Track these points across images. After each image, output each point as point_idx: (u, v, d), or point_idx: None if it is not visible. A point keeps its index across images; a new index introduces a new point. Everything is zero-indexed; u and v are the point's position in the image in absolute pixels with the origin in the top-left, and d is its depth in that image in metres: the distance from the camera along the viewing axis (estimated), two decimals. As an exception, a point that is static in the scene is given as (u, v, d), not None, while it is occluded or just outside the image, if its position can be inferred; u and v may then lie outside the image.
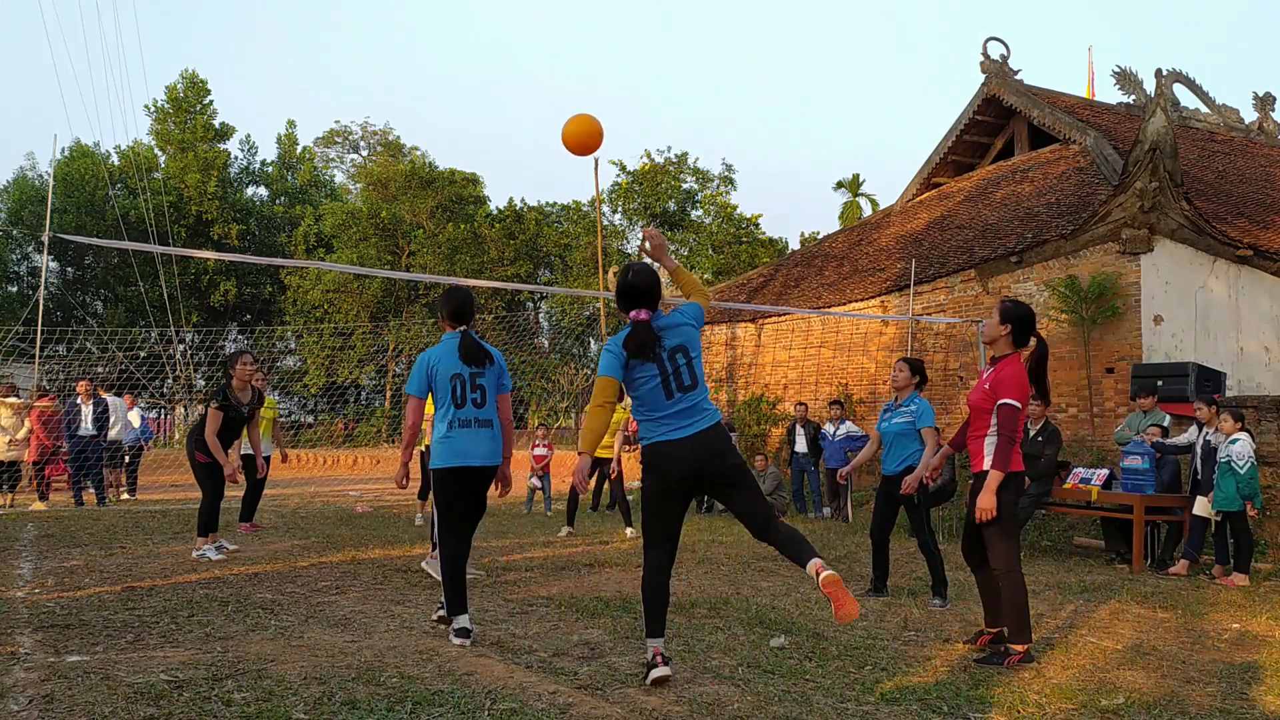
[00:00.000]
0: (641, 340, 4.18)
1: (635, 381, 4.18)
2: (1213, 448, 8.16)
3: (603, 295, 25.16)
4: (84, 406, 13.28)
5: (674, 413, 4.14)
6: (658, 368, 4.16)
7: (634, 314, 4.22)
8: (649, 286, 4.27)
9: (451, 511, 4.95)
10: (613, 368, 4.20)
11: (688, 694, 4.04)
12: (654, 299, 4.27)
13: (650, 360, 4.14)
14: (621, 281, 4.29)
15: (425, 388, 4.99)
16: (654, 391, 4.14)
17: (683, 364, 4.19)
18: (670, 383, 4.17)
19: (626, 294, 4.26)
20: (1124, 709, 4.02)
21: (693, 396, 4.18)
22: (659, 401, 4.14)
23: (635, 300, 4.25)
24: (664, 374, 4.17)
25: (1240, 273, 12.06)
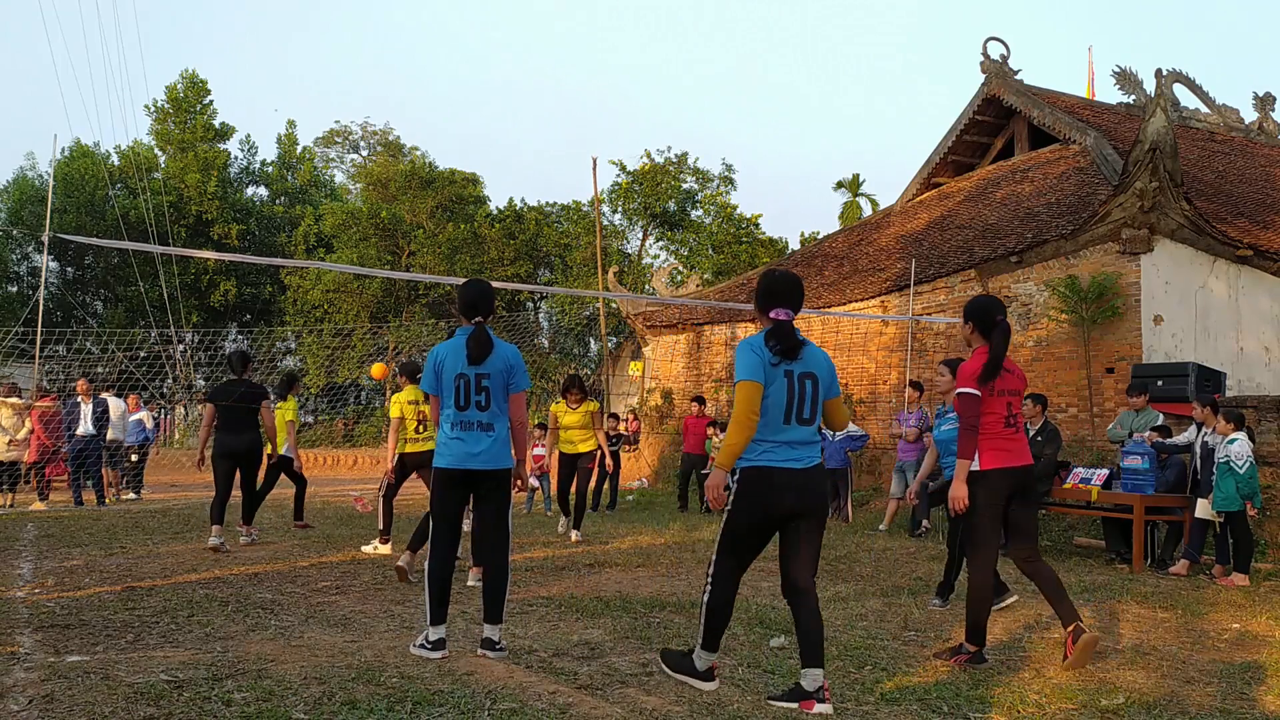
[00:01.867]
0: (789, 341, 3.91)
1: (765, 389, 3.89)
2: (1210, 448, 8.16)
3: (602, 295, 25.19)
4: (84, 406, 13.28)
5: (788, 441, 3.89)
6: (786, 385, 3.89)
7: (774, 313, 3.97)
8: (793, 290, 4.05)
9: (443, 514, 4.76)
10: (757, 369, 3.88)
11: (688, 694, 4.04)
12: (798, 302, 4.03)
13: (783, 371, 3.89)
14: (767, 283, 4.07)
15: (436, 383, 4.80)
16: (774, 409, 3.87)
17: (809, 392, 3.94)
18: (792, 407, 3.89)
19: (768, 294, 4.02)
20: (1124, 709, 4.02)
21: (808, 432, 3.95)
22: (775, 422, 3.87)
23: (777, 300, 4.01)
24: (790, 394, 3.89)
25: (1240, 273, 12.06)
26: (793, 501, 3.87)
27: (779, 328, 3.94)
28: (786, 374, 3.89)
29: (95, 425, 13.35)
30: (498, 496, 4.82)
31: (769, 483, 3.86)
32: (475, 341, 4.73)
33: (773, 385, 3.86)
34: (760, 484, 3.87)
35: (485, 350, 4.73)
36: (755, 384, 3.84)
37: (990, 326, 4.81)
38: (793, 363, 3.91)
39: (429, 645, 4.59)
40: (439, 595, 4.66)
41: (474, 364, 4.73)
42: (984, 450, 4.75)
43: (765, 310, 4.02)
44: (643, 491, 16.70)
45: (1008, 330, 4.83)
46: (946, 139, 17.90)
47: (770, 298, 4.02)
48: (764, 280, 4.10)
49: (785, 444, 3.88)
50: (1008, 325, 4.85)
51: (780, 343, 3.91)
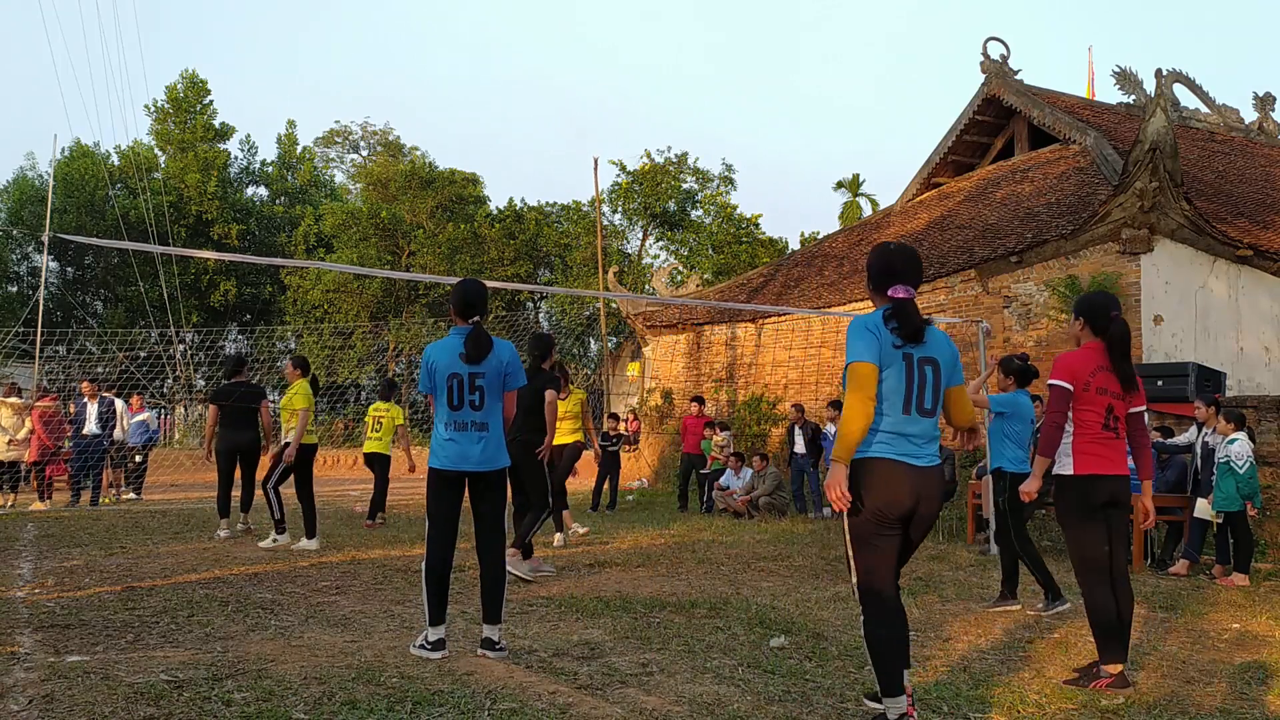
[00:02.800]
0: (913, 322, 3.49)
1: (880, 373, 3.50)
2: (1211, 448, 8.16)
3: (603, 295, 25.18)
4: (90, 406, 13.30)
5: (907, 434, 3.47)
6: (904, 370, 3.49)
7: (893, 290, 3.55)
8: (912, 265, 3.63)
9: (438, 514, 4.73)
10: (873, 349, 3.46)
11: (688, 694, 4.04)
12: (919, 277, 3.64)
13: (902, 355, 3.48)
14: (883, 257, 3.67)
15: (432, 383, 4.77)
16: (892, 397, 3.47)
17: (929, 380, 3.52)
18: (912, 395, 3.48)
19: (885, 271, 3.63)
20: (1124, 709, 4.02)
21: (930, 425, 3.53)
22: (893, 412, 3.47)
23: (895, 276, 3.59)
24: (909, 381, 3.49)
25: (1240, 273, 12.06)
26: (912, 502, 3.45)
27: (900, 307, 3.51)
28: (905, 357, 3.48)
29: (100, 425, 13.36)
30: (494, 497, 4.80)
31: (890, 478, 3.43)
32: (474, 342, 4.70)
33: (888, 369, 3.46)
34: (881, 479, 3.44)
35: (484, 350, 4.71)
36: (871, 365, 3.43)
37: (1106, 323, 4.55)
38: (915, 346, 3.51)
39: (429, 645, 4.59)
40: (438, 595, 4.65)
41: (470, 363, 4.71)
42: (1078, 454, 4.47)
43: (882, 289, 3.61)
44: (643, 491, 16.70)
45: (1126, 327, 4.57)
46: (946, 139, 17.89)
47: (888, 275, 3.61)
48: (880, 255, 3.69)
49: (903, 436, 3.46)
50: (1125, 322, 4.60)
51: (903, 325, 3.48)
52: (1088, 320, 4.61)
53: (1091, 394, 4.51)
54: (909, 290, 3.55)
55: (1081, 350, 4.60)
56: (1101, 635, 4.39)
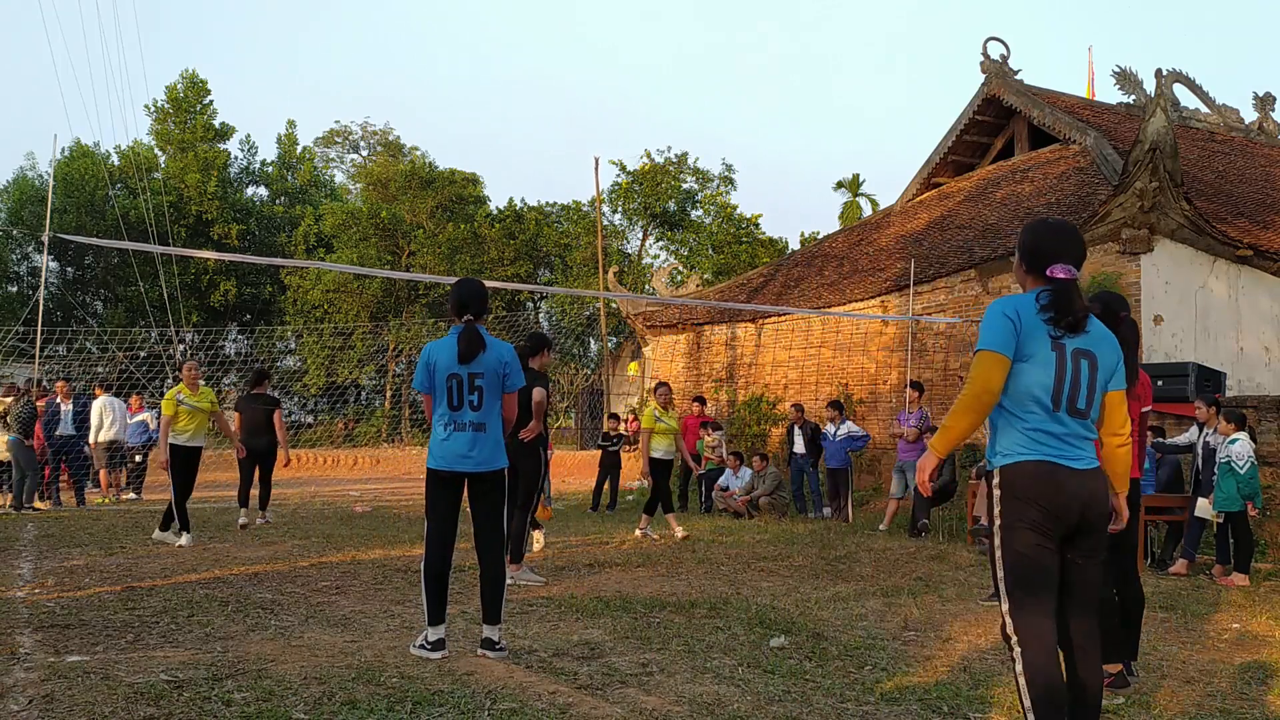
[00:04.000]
0: (1073, 309, 2.99)
1: (1019, 364, 3.00)
2: (1212, 448, 8.16)
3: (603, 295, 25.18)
4: (64, 406, 13.24)
5: (1059, 433, 2.99)
6: (1056, 360, 2.99)
7: (1052, 270, 3.05)
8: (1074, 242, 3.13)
9: (436, 515, 4.72)
10: (1005, 338, 2.98)
11: (688, 694, 4.04)
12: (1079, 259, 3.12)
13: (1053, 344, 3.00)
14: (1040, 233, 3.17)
15: (429, 382, 4.77)
16: (1040, 388, 2.98)
17: (1085, 374, 3.02)
18: (1064, 390, 2.99)
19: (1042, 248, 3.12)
20: (1124, 709, 4.02)
21: (1084, 427, 3.04)
22: (1042, 406, 2.99)
23: (1056, 254, 3.08)
24: (1061, 372, 2.99)
25: (1240, 273, 12.06)
26: (1079, 508, 2.96)
27: (1061, 290, 3.02)
28: (1057, 347, 3.00)
29: (75, 425, 13.31)
30: (493, 497, 4.80)
31: (1047, 482, 2.95)
32: (465, 340, 4.69)
33: (1032, 358, 2.98)
34: (1034, 484, 2.95)
35: (475, 349, 4.69)
36: (998, 356, 2.97)
37: (1115, 324, 4.37)
38: (1071, 336, 3.03)
39: (429, 645, 4.59)
40: (437, 595, 4.66)
41: (464, 363, 4.70)
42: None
43: (1038, 268, 3.10)
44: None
45: (1135, 327, 4.50)
46: (946, 139, 17.89)
47: (1042, 254, 3.11)
48: (1035, 233, 3.19)
49: (1056, 437, 2.98)
50: (1134, 322, 4.55)
51: (1061, 311, 3.00)
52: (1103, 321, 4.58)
53: None
54: (1070, 270, 3.05)
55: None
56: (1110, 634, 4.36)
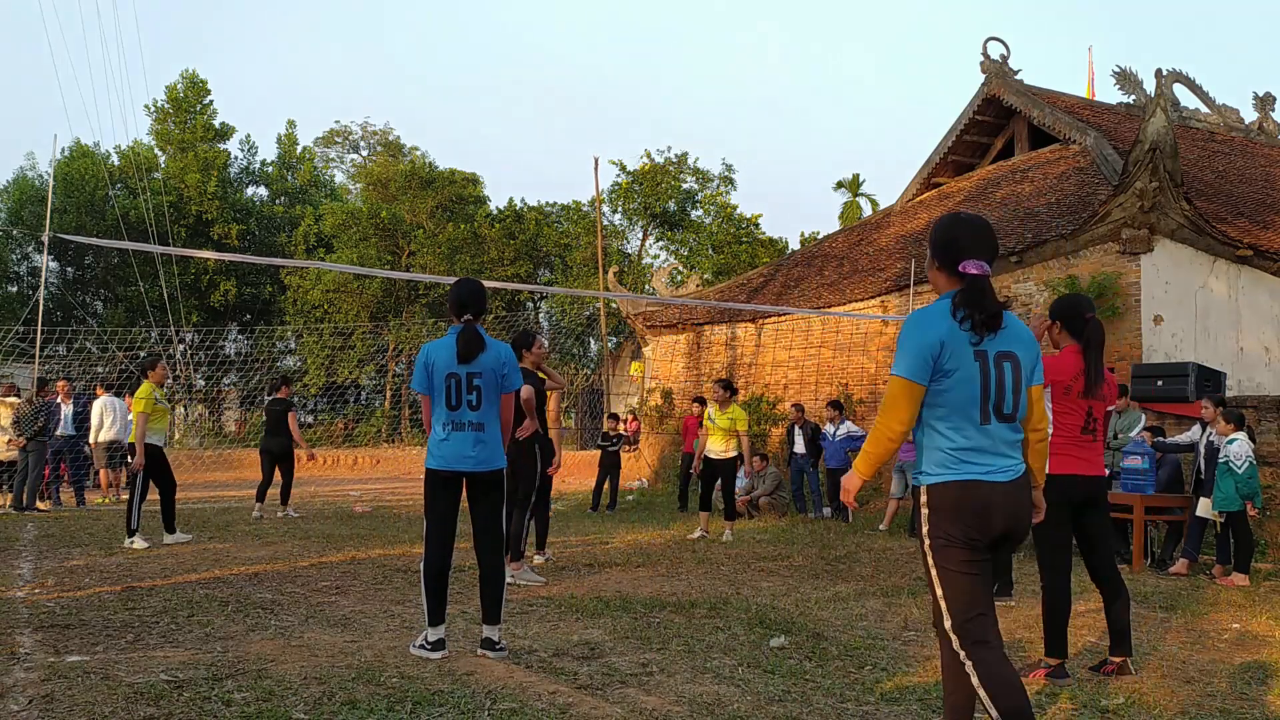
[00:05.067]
0: (989, 306, 2.94)
1: (944, 379, 2.92)
2: (1215, 448, 8.17)
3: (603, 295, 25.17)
4: (64, 406, 13.23)
5: (984, 448, 2.93)
6: (980, 370, 2.93)
7: (965, 266, 2.97)
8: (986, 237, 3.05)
9: (435, 515, 4.72)
10: (921, 365, 2.91)
11: (688, 694, 4.04)
12: (993, 256, 3.05)
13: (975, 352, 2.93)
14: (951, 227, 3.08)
15: (428, 382, 4.76)
16: (966, 403, 2.92)
17: (1009, 377, 2.96)
18: (990, 400, 2.93)
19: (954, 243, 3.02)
20: (1124, 709, 4.02)
21: (1012, 431, 2.99)
22: (968, 420, 2.92)
23: (967, 250, 3.00)
24: (985, 383, 2.93)
25: (1240, 273, 12.06)
26: (1004, 523, 2.93)
27: (973, 287, 2.96)
28: (979, 356, 2.93)
29: (75, 425, 13.31)
30: (492, 497, 4.80)
31: (972, 501, 2.91)
32: (464, 340, 4.70)
33: (956, 374, 2.91)
34: (961, 504, 2.91)
35: (475, 349, 4.70)
36: (912, 385, 2.92)
37: (1081, 325, 4.58)
38: (990, 340, 2.96)
39: (429, 645, 4.59)
40: (436, 595, 4.66)
41: (464, 363, 4.70)
42: (1055, 454, 4.44)
43: (951, 264, 3.01)
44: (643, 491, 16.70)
45: (1101, 329, 4.61)
46: (946, 139, 17.90)
47: (955, 248, 3.02)
48: (946, 227, 3.09)
49: (984, 453, 2.94)
50: (1100, 324, 4.64)
51: (978, 310, 2.93)
52: (1065, 324, 4.68)
53: (1073, 398, 4.60)
54: (983, 266, 2.97)
55: (1061, 356, 4.67)
56: (1052, 630, 4.52)
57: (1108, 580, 4.69)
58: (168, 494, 8.84)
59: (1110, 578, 4.69)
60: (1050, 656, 4.50)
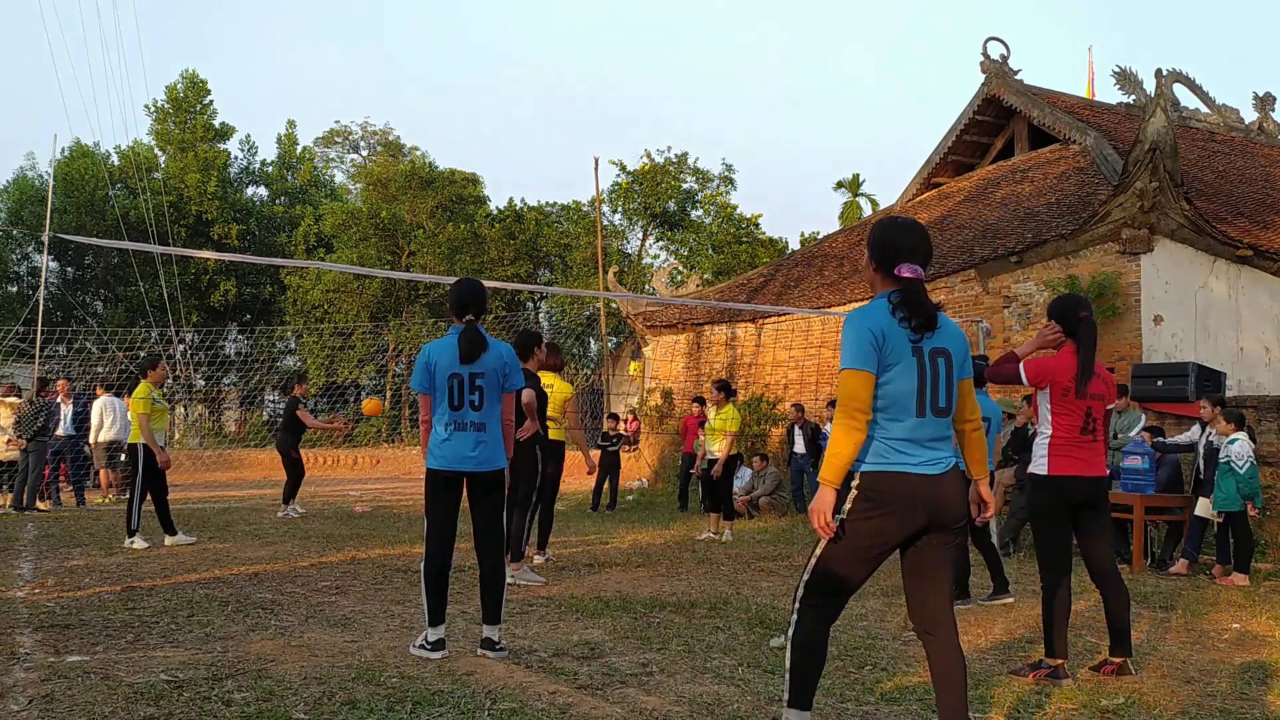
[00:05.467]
0: (924, 308, 3.06)
1: (882, 374, 3.05)
2: (1215, 448, 8.17)
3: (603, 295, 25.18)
4: (64, 406, 13.22)
5: (919, 439, 3.06)
6: (918, 365, 3.06)
7: (900, 269, 3.12)
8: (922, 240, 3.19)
9: (435, 514, 4.72)
10: (868, 353, 3.02)
11: (688, 694, 4.04)
12: (927, 258, 3.19)
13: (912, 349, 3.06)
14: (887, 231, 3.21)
15: (428, 382, 4.76)
16: (903, 397, 3.05)
17: (943, 375, 3.10)
18: (926, 394, 3.06)
19: (891, 247, 3.16)
20: (1124, 709, 4.02)
21: (944, 425, 3.12)
22: (904, 413, 3.05)
23: (903, 253, 3.13)
24: (923, 377, 3.06)
25: (1240, 273, 12.06)
26: (926, 515, 3.04)
27: (909, 290, 3.09)
28: (916, 352, 3.06)
29: (75, 425, 13.30)
30: (493, 497, 4.80)
31: (899, 494, 3.02)
32: (466, 340, 4.70)
33: (895, 367, 3.04)
34: (887, 495, 3.02)
35: (477, 349, 4.71)
36: (864, 374, 3.01)
37: (1075, 323, 4.59)
38: (927, 337, 3.09)
39: (429, 645, 4.59)
40: (437, 595, 4.66)
41: (466, 363, 4.71)
42: (1053, 455, 4.55)
43: (887, 267, 3.15)
44: (643, 491, 16.71)
45: (1094, 327, 4.63)
46: (946, 139, 17.89)
47: (891, 251, 3.15)
48: (882, 231, 3.22)
49: (916, 444, 3.05)
50: (1094, 322, 4.66)
51: (913, 312, 3.06)
52: (1061, 323, 4.69)
53: (1071, 399, 4.59)
54: (917, 270, 3.12)
55: (1060, 357, 4.68)
56: (1051, 630, 4.52)
57: (1108, 580, 4.69)
58: (160, 496, 8.77)
59: (1110, 578, 4.69)
60: (1050, 657, 4.50)
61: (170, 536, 8.76)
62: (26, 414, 11.77)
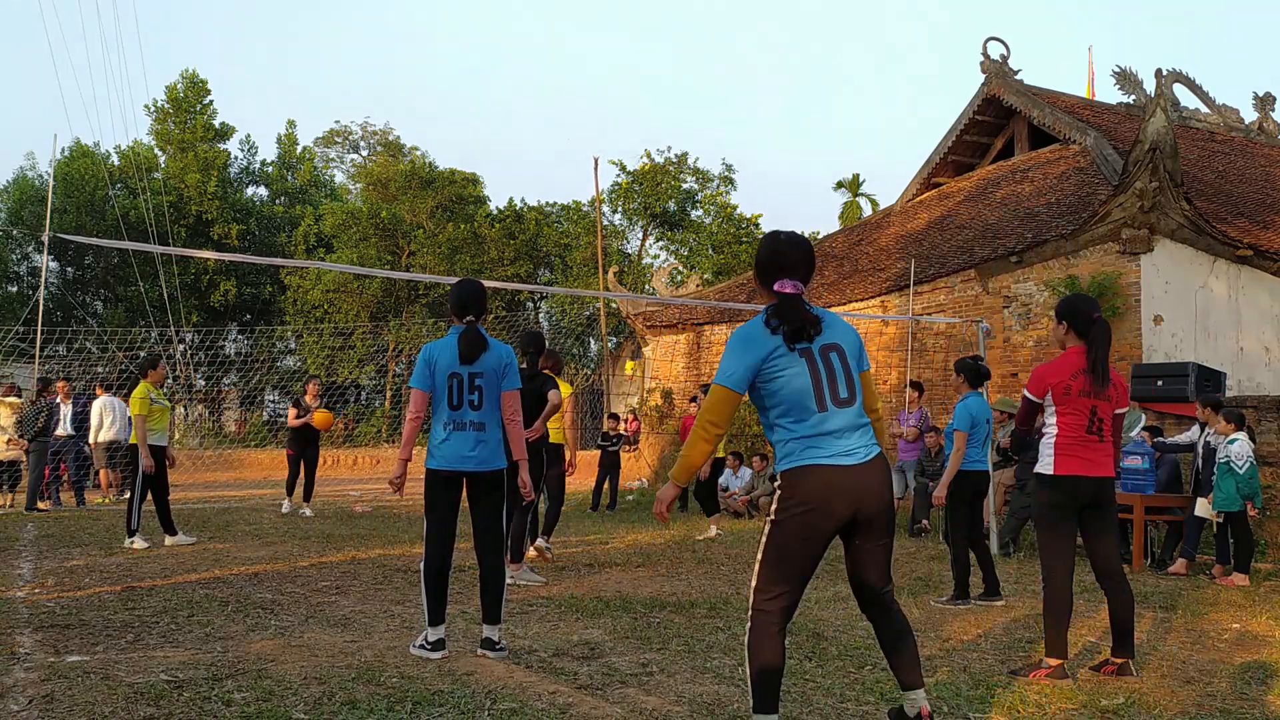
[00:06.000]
0: (799, 317, 3.18)
1: (774, 381, 3.17)
2: (1213, 448, 8.17)
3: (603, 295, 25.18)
4: (64, 406, 13.22)
5: (828, 432, 3.16)
6: (807, 365, 3.18)
7: (779, 285, 3.24)
8: (803, 256, 3.29)
9: (435, 515, 4.71)
10: (742, 374, 3.17)
11: (688, 694, 4.04)
12: (808, 273, 3.31)
13: (798, 352, 3.18)
14: (769, 248, 3.32)
15: (427, 381, 4.75)
16: (800, 395, 3.16)
17: (838, 368, 3.21)
18: (824, 388, 3.17)
19: (771, 263, 3.28)
20: (1124, 709, 4.02)
21: (852, 415, 3.21)
22: (806, 411, 3.15)
23: (783, 270, 3.26)
24: (815, 374, 3.18)
25: (1240, 273, 12.06)
26: (849, 506, 3.14)
27: (784, 304, 3.22)
28: (804, 353, 3.18)
29: (75, 426, 13.30)
30: (493, 497, 4.79)
31: (817, 488, 3.13)
32: (466, 340, 4.70)
33: (786, 372, 3.16)
34: (807, 490, 3.13)
35: (477, 349, 4.71)
36: (730, 394, 3.17)
37: (1088, 325, 4.60)
38: (816, 337, 3.22)
39: (429, 645, 4.59)
40: (436, 595, 4.66)
41: (466, 363, 4.71)
42: (1059, 455, 4.56)
43: (768, 283, 3.29)
44: (643, 491, 16.71)
45: (1107, 328, 4.64)
46: (946, 139, 17.89)
47: (772, 267, 3.29)
48: (765, 246, 3.35)
49: (827, 436, 3.15)
50: (1106, 323, 4.66)
51: (787, 322, 3.19)
52: (1071, 324, 4.68)
53: (1074, 398, 4.59)
54: (798, 285, 3.24)
55: (1061, 357, 4.69)
56: (1053, 630, 4.53)
57: (1113, 581, 4.67)
58: (161, 496, 8.75)
59: (1115, 578, 4.67)
60: (1050, 657, 4.50)
61: (170, 537, 8.77)
62: (28, 414, 11.77)
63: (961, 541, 6.64)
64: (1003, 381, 12.38)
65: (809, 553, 3.19)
